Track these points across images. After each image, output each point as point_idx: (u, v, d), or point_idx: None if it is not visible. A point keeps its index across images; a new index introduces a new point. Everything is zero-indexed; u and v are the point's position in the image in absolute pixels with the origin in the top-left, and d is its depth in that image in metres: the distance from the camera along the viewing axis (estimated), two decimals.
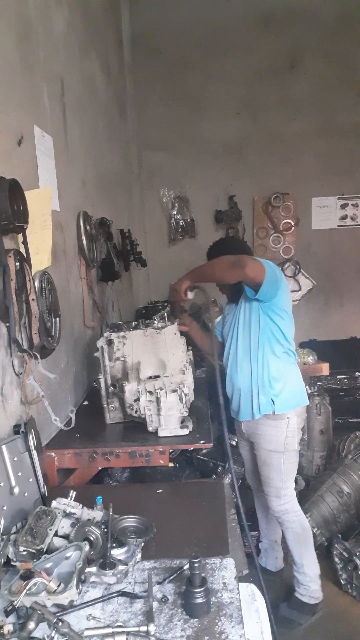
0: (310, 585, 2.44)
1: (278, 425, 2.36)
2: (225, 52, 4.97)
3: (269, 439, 2.38)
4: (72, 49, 2.78)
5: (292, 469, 2.45)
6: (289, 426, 2.36)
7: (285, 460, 2.39)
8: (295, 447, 2.41)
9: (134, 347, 2.17)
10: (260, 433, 2.41)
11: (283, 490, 2.41)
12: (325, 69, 4.98)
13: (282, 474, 2.40)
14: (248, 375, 2.37)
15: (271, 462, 2.40)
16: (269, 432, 2.38)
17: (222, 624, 1.10)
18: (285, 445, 2.37)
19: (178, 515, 1.61)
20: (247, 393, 2.38)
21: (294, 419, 2.37)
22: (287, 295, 2.37)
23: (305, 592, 2.45)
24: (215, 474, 3.01)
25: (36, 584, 1.13)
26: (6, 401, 1.64)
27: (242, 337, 2.40)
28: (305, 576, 2.44)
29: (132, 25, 4.94)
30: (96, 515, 1.38)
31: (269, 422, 2.37)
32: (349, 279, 5.35)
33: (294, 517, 2.44)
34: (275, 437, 2.37)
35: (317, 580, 2.47)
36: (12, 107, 1.80)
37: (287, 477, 2.42)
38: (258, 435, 2.42)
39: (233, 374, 2.44)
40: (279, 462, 2.39)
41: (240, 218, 5.21)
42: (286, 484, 2.42)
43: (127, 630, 1.06)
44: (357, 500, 3.00)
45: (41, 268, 1.92)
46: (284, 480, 2.41)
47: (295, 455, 2.43)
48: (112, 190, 3.84)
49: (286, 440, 2.36)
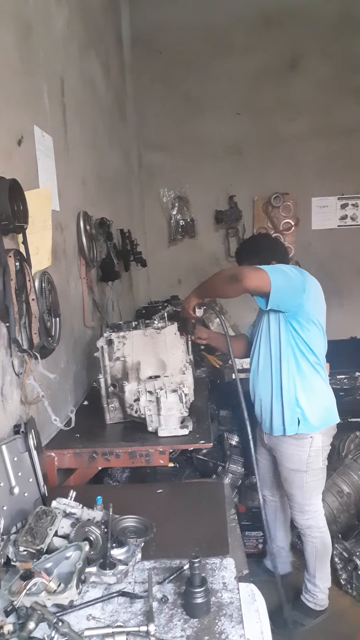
0: (318, 595, 2.43)
1: (300, 445, 2.24)
2: (225, 52, 4.97)
3: (290, 458, 2.28)
4: (72, 49, 2.77)
5: (317, 486, 2.34)
6: (312, 445, 2.23)
7: (308, 479, 2.28)
8: (321, 465, 2.30)
9: (134, 347, 2.17)
10: (281, 450, 2.31)
11: (307, 506, 2.34)
12: (325, 69, 4.97)
13: (306, 492, 2.31)
14: (268, 387, 2.26)
15: (293, 480, 2.31)
16: (290, 451, 2.27)
17: (222, 624, 1.10)
18: (307, 465, 2.25)
19: (178, 515, 1.61)
20: (267, 405, 2.28)
21: (318, 438, 2.24)
22: (315, 304, 2.18)
23: (312, 599, 2.44)
24: (215, 474, 3.01)
25: (36, 584, 1.12)
26: (6, 401, 1.64)
27: (263, 347, 2.28)
28: (315, 587, 2.42)
29: (132, 25, 4.94)
30: (96, 515, 1.38)
31: (290, 441, 2.26)
32: (349, 279, 5.35)
33: (317, 534, 2.37)
34: (297, 456, 2.26)
35: (326, 592, 2.45)
36: (12, 107, 1.80)
37: (312, 494, 2.33)
38: (279, 452, 2.32)
39: (255, 382, 2.34)
40: (302, 481, 2.29)
41: (240, 218, 5.21)
42: (310, 501, 2.33)
43: (127, 630, 1.06)
44: (357, 500, 3.00)
45: (41, 268, 1.92)
46: (307, 497, 2.32)
47: (320, 473, 2.32)
48: (112, 190, 3.84)
49: (309, 460, 2.25)
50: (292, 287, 2.04)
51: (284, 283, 2.00)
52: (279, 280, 1.98)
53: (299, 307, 2.10)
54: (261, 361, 2.29)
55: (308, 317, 2.14)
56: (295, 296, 2.06)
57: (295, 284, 2.05)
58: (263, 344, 2.27)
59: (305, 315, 2.13)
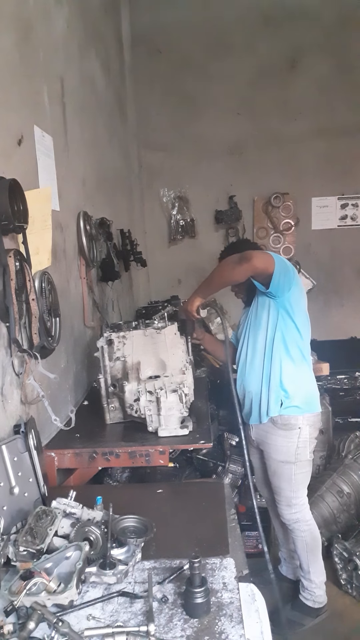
0: (315, 591, 2.42)
1: (288, 436, 2.27)
2: (225, 52, 4.97)
3: (279, 449, 2.30)
4: (72, 49, 2.78)
5: (304, 479, 2.37)
6: (300, 436, 2.27)
7: (296, 471, 2.30)
8: (308, 457, 2.32)
9: (134, 347, 2.17)
10: (269, 442, 2.33)
11: (294, 499, 2.35)
12: (325, 69, 4.98)
13: (293, 484, 2.32)
14: (259, 375, 2.29)
15: (282, 472, 2.33)
16: (278, 442, 2.30)
17: (222, 624, 1.10)
18: (296, 456, 2.28)
19: (178, 515, 1.61)
20: (257, 394, 2.31)
21: (305, 429, 2.27)
22: (300, 292, 2.29)
23: (310, 596, 2.43)
24: (215, 474, 3.01)
25: (36, 584, 1.12)
26: (6, 401, 1.64)
27: (252, 335, 2.32)
28: (311, 582, 2.42)
29: (132, 25, 4.94)
30: (96, 515, 1.38)
31: (278, 432, 2.29)
32: (349, 279, 5.35)
33: (305, 527, 2.38)
34: (286, 447, 2.28)
35: (323, 587, 2.44)
36: (12, 107, 1.80)
37: (299, 487, 2.35)
38: (267, 444, 2.34)
39: (243, 375, 2.37)
40: (290, 473, 2.31)
41: (240, 218, 5.21)
42: (297, 494, 2.35)
43: (127, 630, 1.06)
44: (357, 500, 3.00)
45: (41, 268, 1.92)
46: (295, 490, 2.34)
47: (307, 465, 2.35)
48: (112, 190, 3.84)
49: (297, 451, 2.27)
50: (287, 271, 2.16)
51: (282, 267, 2.12)
52: (279, 263, 2.10)
53: (290, 292, 2.20)
54: (250, 350, 2.33)
55: (295, 302, 2.24)
56: (288, 280, 2.17)
57: (288, 269, 2.17)
58: (251, 336, 2.33)
59: (294, 300, 2.23)
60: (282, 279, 2.13)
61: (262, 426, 2.33)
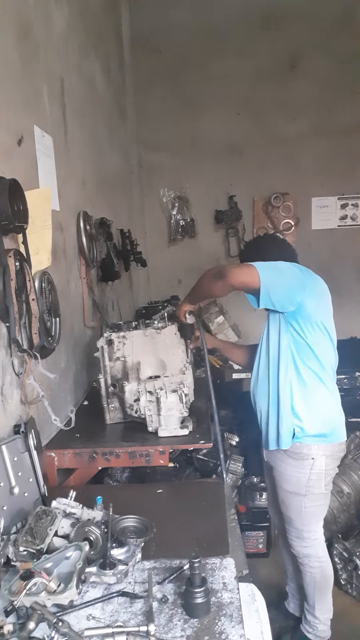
0: (319, 626, 2.22)
1: (299, 466, 2.01)
2: (225, 52, 4.96)
3: (288, 479, 2.05)
4: (72, 49, 2.77)
5: (318, 512, 2.10)
6: (314, 468, 1.99)
7: (307, 504, 2.04)
8: (322, 491, 2.04)
9: (134, 347, 2.17)
10: (279, 470, 2.09)
11: (306, 533, 2.10)
12: (325, 69, 4.97)
13: (304, 518, 2.07)
14: (265, 396, 2.07)
15: (290, 503, 2.08)
16: (288, 471, 2.05)
17: (222, 624, 1.10)
18: (307, 489, 2.01)
19: (178, 515, 1.61)
20: (265, 416, 2.09)
21: (321, 460, 1.99)
22: (317, 306, 1.97)
23: (312, 630, 2.23)
24: (215, 474, 3.01)
25: (36, 584, 1.13)
26: (6, 401, 1.64)
27: (263, 354, 2.08)
28: (315, 619, 2.22)
29: (132, 25, 4.94)
30: (96, 515, 1.38)
31: (288, 460, 2.04)
32: (349, 279, 5.34)
33: (316, 563, 2.14)
34: (296, 478, 2.02)
35: (328, 623, 2.24)
36: (12, 107, 1.80)
37: (310, 521, 2.09)
38: (277, 471, 2.11)
39: (254, 392, 2.15)
40: (300, 506, 2.06)
41: (240, 218, 5.21)
42: (309, 527, 2.09)
43: (127, 630, 1.06)
44: (357, 500, 3.00)
45: (41, 268, 1.92)
46: (306, 523, 2.08)
47: (322, 499, 2.07)
48: (112, 190, 3.84)
49: (309, 483, 2.01)
50: (286, 283, 1.88)
51: (275, 279, 1.85)
52: (269, 276, 1.83)
53: (299, 307, 1.91)
54: (261, 369, 2.10)
55: (310, 318, 1.95)
56: (290, 294, 1.88)
57: (289, 281, 1.88)
58: (263, 350, 2.09)
59: (306, 316, 1.94)
60: (275, 293, 1.85)
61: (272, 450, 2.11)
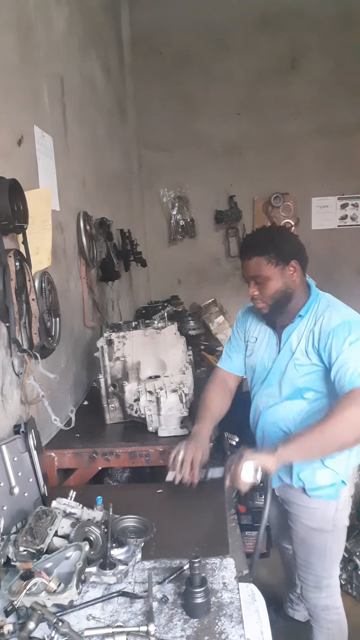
0: None
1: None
2: (225, 52, 4.96)
3: (312, 513, 1.74)
4: (72, 49, 2.78)
5: (339, 552, 1.84)
6: (341, 497, 1.73)
7: (332, 542, 1.76)
8: (346, 523, 1.80)
9: (134, 347, 2.17)
10: (298, 503, 1.77)
11: (326, 580, 1.82)
12: (325, 69, 4.97)
13: (327, 560, 1.79)
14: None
15: (312, 542, 1.78)
16: (312, 504, 1.74)
17: (222, 624, 1.10)
18: (334, 522, 1.74)
19: (178, 515, 1.61)
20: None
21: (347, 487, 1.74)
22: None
23: None
24: None
25: (36, 584, 1.13)
26: (6, 401, 1.64)
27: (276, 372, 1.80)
28: None
29: (132, 25, 4.94)
30: (96, 515, 1.38)
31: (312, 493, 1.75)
32: (349, 279, 5.34)
33: (334, 616, 1.87)
34: (322, 511, 1.73)
35: None
36: (12, 107, 1.81)
37: (333, 564, 1.82)
38: (296, 505, 1.78)
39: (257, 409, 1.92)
40: (324, 545, 1.76)
41: (240, 218, 5.20)
42: (330, 573, 1.82)
43: (127, 630, 1.06)
44: (357, 500, 2.99)
45: (41, 268, 1.92)
46: (328, 568, 1.81)
47: (343, 533, 1.82)
48: (112, 190, 3.84)
49: (336, 516, 1.73)
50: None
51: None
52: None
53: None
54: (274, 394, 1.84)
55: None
56: None
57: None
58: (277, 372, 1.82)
59: None
60: None
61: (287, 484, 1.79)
